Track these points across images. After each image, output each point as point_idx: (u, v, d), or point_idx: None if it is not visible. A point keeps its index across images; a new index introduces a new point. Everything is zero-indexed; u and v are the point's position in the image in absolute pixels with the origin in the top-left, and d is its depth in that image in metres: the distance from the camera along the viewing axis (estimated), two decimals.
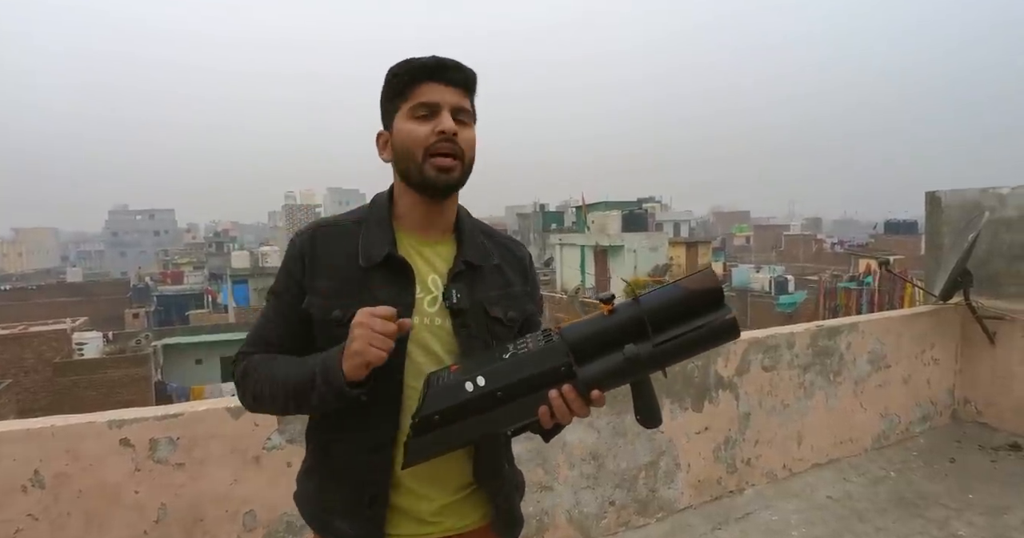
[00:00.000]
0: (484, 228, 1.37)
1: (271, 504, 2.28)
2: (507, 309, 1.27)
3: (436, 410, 1.09)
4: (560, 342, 1.11)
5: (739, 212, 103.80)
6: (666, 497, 3.16)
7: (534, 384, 1.10)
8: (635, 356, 1.07)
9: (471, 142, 1.23)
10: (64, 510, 2.06)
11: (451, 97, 1.20)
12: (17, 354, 22.14)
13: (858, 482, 3.62)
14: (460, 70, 1.22)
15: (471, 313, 1.22)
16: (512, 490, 1.32)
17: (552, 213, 51.14)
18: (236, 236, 71.01)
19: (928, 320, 4.34)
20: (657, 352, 1.08)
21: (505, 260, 1.33)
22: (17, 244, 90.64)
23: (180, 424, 2.19)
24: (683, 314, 1.09)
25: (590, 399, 1.09)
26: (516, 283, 1.33)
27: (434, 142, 1.17)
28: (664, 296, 1.11)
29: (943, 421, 4.42)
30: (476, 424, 1.11)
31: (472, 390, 1.09)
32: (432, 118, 1.19)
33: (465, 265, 1.25)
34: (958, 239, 4.29)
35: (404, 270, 1.22)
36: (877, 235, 51.07)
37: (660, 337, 1.08)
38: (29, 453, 2.03)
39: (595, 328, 1.11)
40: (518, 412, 1.11)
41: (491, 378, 1.10)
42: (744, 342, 3.42)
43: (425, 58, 1.21)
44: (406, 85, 1.21)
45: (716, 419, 3.31)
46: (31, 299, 41.56)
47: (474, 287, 1.24)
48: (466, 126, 1.22)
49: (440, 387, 1.11)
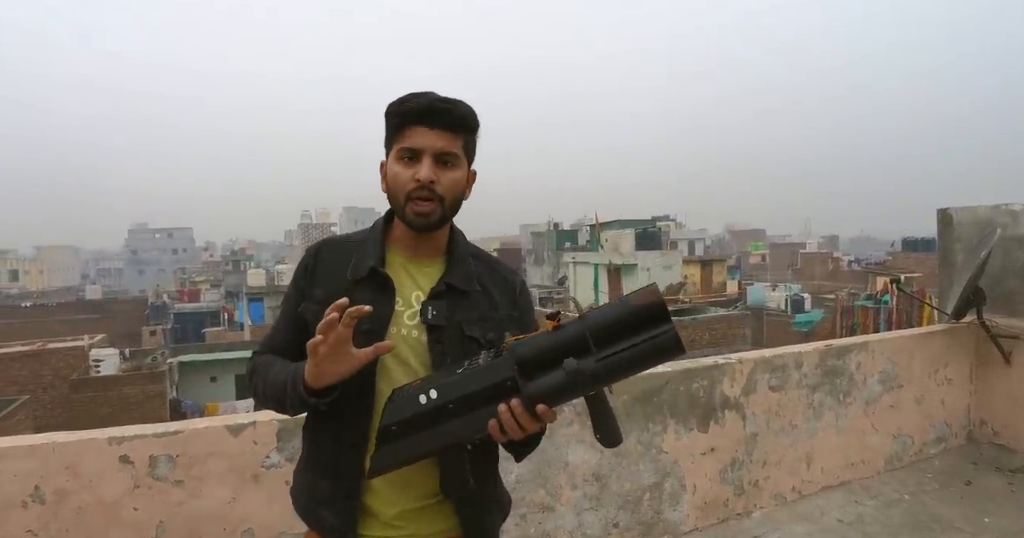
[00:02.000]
0: (478, 253, 1.44)
1: (269, 523, 2.28)
2: (487, 331, 1.33)
3: (393, 421, 1.16)
4: (507, 357, 1.14)
5: (755, 230, 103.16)
6: (671, 519, 3.11)
7: (482, 398, 1.14)
8: (575, 371, 1.09)
9: (453, 184, 1.30)
10: (63, 526, 2.07)
11: (437, 141, 1.27)
12: (35, 370, 22.39)
13: (870, 505, 3.55)
14: (450, 113, 1.28)
15: (447, 331, 1.29)
16: (487, 508, 1.35)
17: (566, 232, 51.13)
18: (253, 254, 71.63)
19: (941, 339, 4.27)
20: (599, 367, 1.09)
21: (495, 285, 1.40)
22: (39, 262, 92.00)
23: (179, 441, 2.20)
24: (627, 330, 1.10)
25: (537, 415, 1.12)
26: (502, 307, 1.39)
27: (412, 189, 1.27)
28: (609, 312, 1.13)
29: (958, 442, 4.33)
30: (432, 436, 1.16)
31: (425, 403, 1.15)
32: (415, 163, 1.28)
33: (447, 287, 1.33)
34: (970, 257, 4.24)
35: (386, 284, 1.31)
36: (895, 253, 50.50)
37: (603, 352, 1.10)
38: (30, 469, 2.05)
39: (540, 344, 1.14)
40: (470, 425, 1.15)
41: (442, 391, 1.15)
42: (750, 362, 3.38)
43: (418, 99, 1.28)
44: (396, 127, 1.30)
45: (722, 440, 3.26)
46: (51, 316, 42.07)
47: (455, 308, 1.31)
48: (450, 168, 1.29)
49: (397, 400, 1.18)
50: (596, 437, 1.18)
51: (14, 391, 20.97)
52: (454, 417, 1.15)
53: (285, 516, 2.30)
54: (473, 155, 1.36)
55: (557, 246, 46.36)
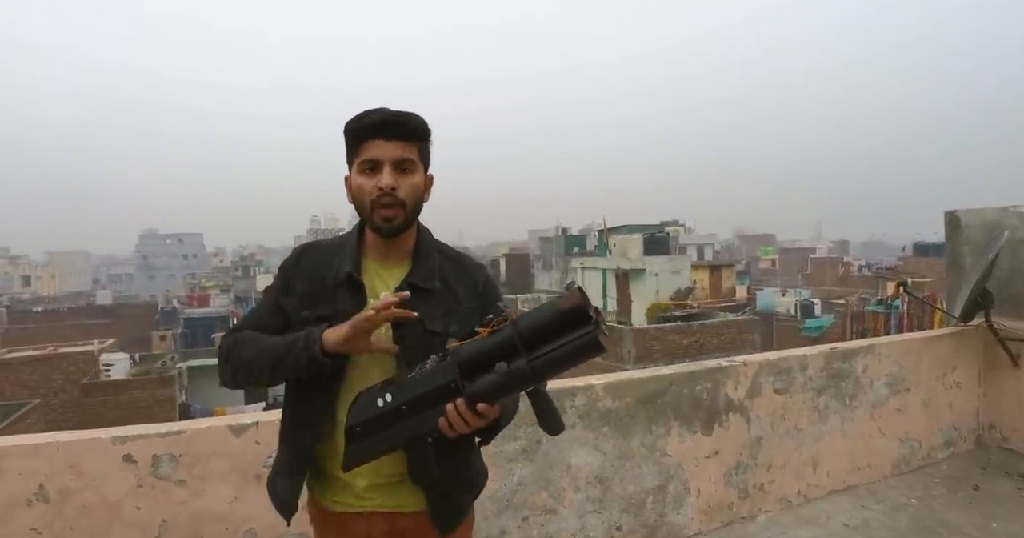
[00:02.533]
0: (443, 249, 1.58)
1: (271, 523, 2.28)
2: (449, 324, 1.45)
3: (357, 422, 1.32)
4: (450, 362, 1.27)
5: (764, 235, 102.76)
6: (675, 523, 3.09)
7: (431, 399, 1.27)
8: (507, 372, 1.22)
9: (412, 188, 1.44)
10: (67, 525, 2.09)
11: (393, 151, 1.41)
12: (46, 375, 22.59)
13: (877, 509, 3.52)
14: (403, 125, 1.42)
15: (409, 325, 1.41)
16: (456, 486, 1.49)
17: (574, 237, 51.06)
18: (262, 260, 71.88)
19: (949, 342, 4.24)
20: (527, 368, 1.21)
21: (459, 280, 1.53)
22: (50, 267, 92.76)
23: (182, 441, 2.21)
24: (554, 332, 1.21)
25: (479, 412, 1.24)
26: (465, 301, 1.51)
27: (376, 197, 1.41)
28: (537, 316, 1.24)
29: (967, 447, 4.29)
30: (392, 434, 1.30)
31: (382, 405, 1.30)
32: (375, 173, 1.41)
33: (408, 286, 1.45)
34: (978, 259, 4.21)
35: (360, 288, 1.46)
36: (906, 257, 50.18)
37: (533, 354, 1.21)
38: (35, 468, 2.07)
39: (478, 348, 1.26)
40: (423, 423, 1.28)
41: (396, 394, 1.30)
42: (755, 364, 3.37)
43: (372, 116, 1.42)
44: (355, 142, 1.44)
45: (727, 443, 3.25)
46: (62, 321, 42.40)
47: (418, 305, 1.39)
48: (409, 174, 1.43)
49: (359, 403, 1.33)
50: (540, 425, 1.30)
51: (25, 395, 21.17)
52: (408, 417, 1.28)
53: None
54: (428, 161, 1.49)
55: (565, 251, 46.32)
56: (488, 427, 1.33)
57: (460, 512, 1.51)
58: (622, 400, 2.94)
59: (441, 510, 1.46)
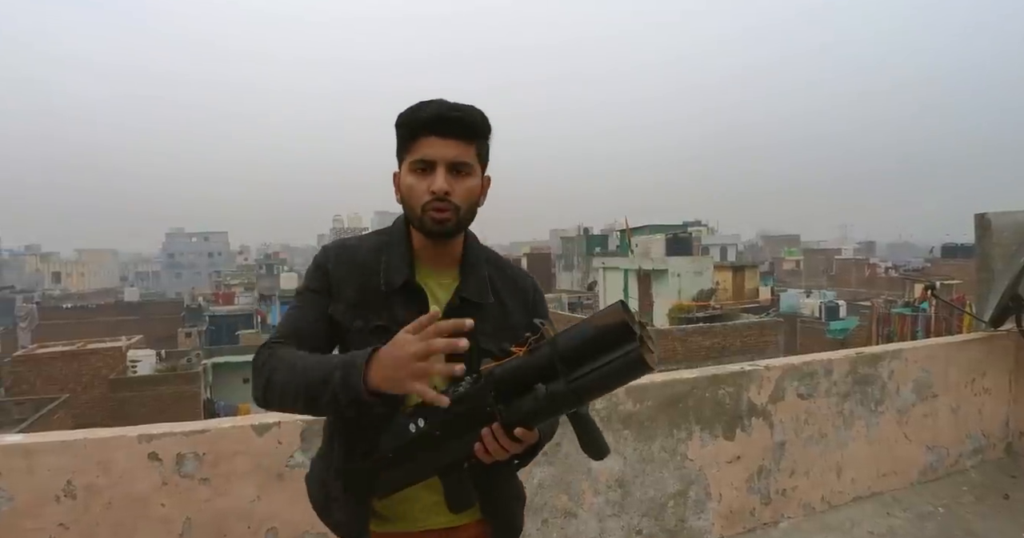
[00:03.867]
0: (492, 259, 1.45)
1: (293, 522, 2.30)
2: (501, 341, 1.29)
3: (389, 449, 1.24)
4: (485, 384, 1.18)
5: (789, 236, 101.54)
6: (696, 528, 3.07)
7: (465, 424, 1.18)
8: (546, 395, 1.13)
9: (467, 193, 1.31)
10: (93, 520, 2.12)
11: (449, 151, 1.27)
12: (75, 370, 23.05)
13: (903, 517, 3.46)
14: (461, 122, 1.27)
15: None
16: (511, 493, 1.44)
17: (596, 237, 50.97)
18: (286, 258, 72.71)
19: (979, 347, 4.15)
20: (568, 390, 1.12)
21: (508, 292, 1.42)
22: (80, 264, 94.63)
23: (206, 440, 2.24)
24: (594, 350, 1.12)
25: (517, 437, 1.15)
26: (515, 315, 1.39)
27: (428, 201, 1.28)
28: (576, 334, 1.14)
29: (996, 454, 4.20)
30: (426, 460, 1.23)
31: (415, 430, 1.21)
32: (429, 174, 1.28)
33: (461, 301, 1.34)
34: (1009, 263, 4.12)
35: (420, 295, 1.34)
36: (934, 259, 49.33)
37: (573, 374, 1.12)
38: (63, 464, 2.10)
39: (513, 369, 1.17)
40: (458, 449, 1.21)
41: (429, 419, 1.20)
42: (778, 369, 3.33)
43: (427, 108, 1.28)
44: (407, 138, 1.30)
45: (749, 448, 3.21)
46: (91, 318, 43.24)
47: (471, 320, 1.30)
48: (464, 177, 1.29)
49: (391, 429, 1.24)
50: (583, 450, 1.22)
51: (55, 390, 21.61)
52: (442, 442, 1.20)
53: (308, 516, 2.31)
54: (487, 161, 1.36)
55: (587, 251, 46.23)
56: (522, 453, 1.22)
57: (518, 518, 1.45)
58: (643, 403, 2.93)
59: (502, 521, 1.40)
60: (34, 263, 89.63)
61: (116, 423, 17.44)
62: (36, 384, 22.10)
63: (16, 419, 17.02)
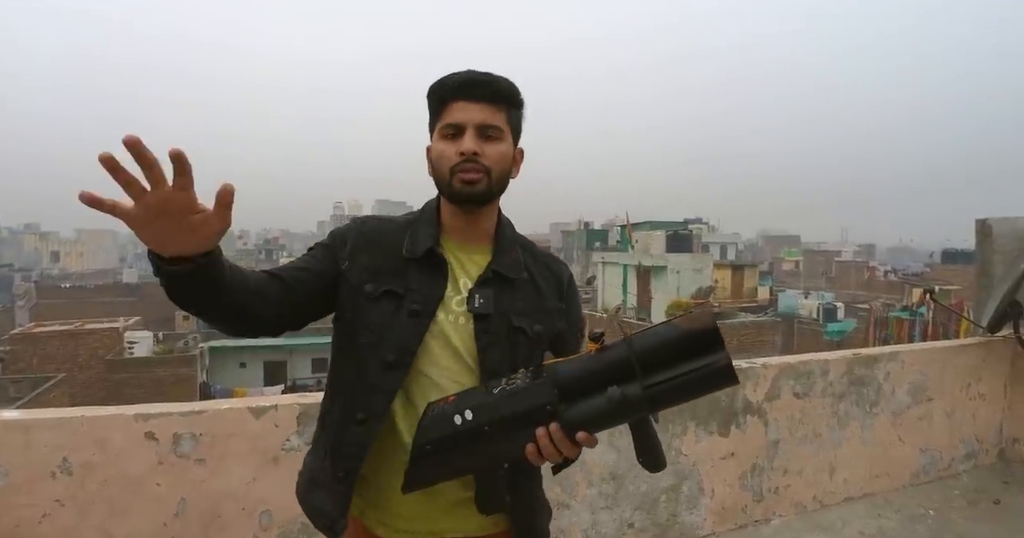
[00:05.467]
0: (525, 243, 1.41)
1: (287, 505, 2.31)
2: (533, 322, 1.29)
3: (428, 440, 1.13)
4: (547, 380, 1.10)
5: (789, 236, 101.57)
6: (688, 523, 3.08)
7: (519, 421, 1.10)
8: (620, 399, 1.04)
9: (499, 156, 1.26)
10: (89, 498, 2.13)
11: (478, 115, 1.24)
12: (72, 349, 23.06)
13: (894, 519, 3.47)
14: (489, 85, 1.25)
15: (494, 319, 1.26)
16: (538, 506, 1.36)
17: (596, 231, 50.95)
18: (285, 244, 72.68)
19: (975, 352, 4.16)
20: (645, 396, 1.04)
21: (542, 276, 1.37)
22: (79, 244, 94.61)
23: (203, 421, 2.24)
24: (676, 356, 1.05)
25: (577, 441, 1.07)
26: (550, 298, 1.35)
27: (458, 163, 1.23)
28: (657, 336, 1.07)
29: (989, 460, 4.22)
30: (467, 456, 1.13)
31: (460, 423, 1.11)
32: (458, 137, 1.24)
33: (494, 274, 1.29)
34: (1009, 269, 4.12)
35: (440, 266, 1.28)
36: (933, 264, 49.35)
37: (650, 379, 1.04)
38: (60, 441, 2.11)
39: (583, 367, 1.10)
40: (507, 448, 1.12)
41: (478, 412, 1.11)
42: (775, 367, 3.34)
43: (456, 75, 1.26)
44: (438, 105, 1.27)
45: (743, 445, 3.22)
46: (89, 298, 43.28)
47: (502, 296, 1.28)
48: (494, 141, 1.25)
49: (432, 418, 1.14)
50: (639, 461, 1.13)
51: (51, 369, 21.66)
52: (490, 439, 1.11)
53: None
54: (519, 132, 1.32)
55: (587, 246, 46.20)
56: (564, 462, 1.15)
57: (544, 534, 1.37)
58: None
59: (527, 533, 1.31)
60: (33, 242, 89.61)
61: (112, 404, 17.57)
62: (33, 363, 22.13)
63: (13, 397, 17.05)
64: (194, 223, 0.95)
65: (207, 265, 1.01)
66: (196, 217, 0.95)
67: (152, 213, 0.92)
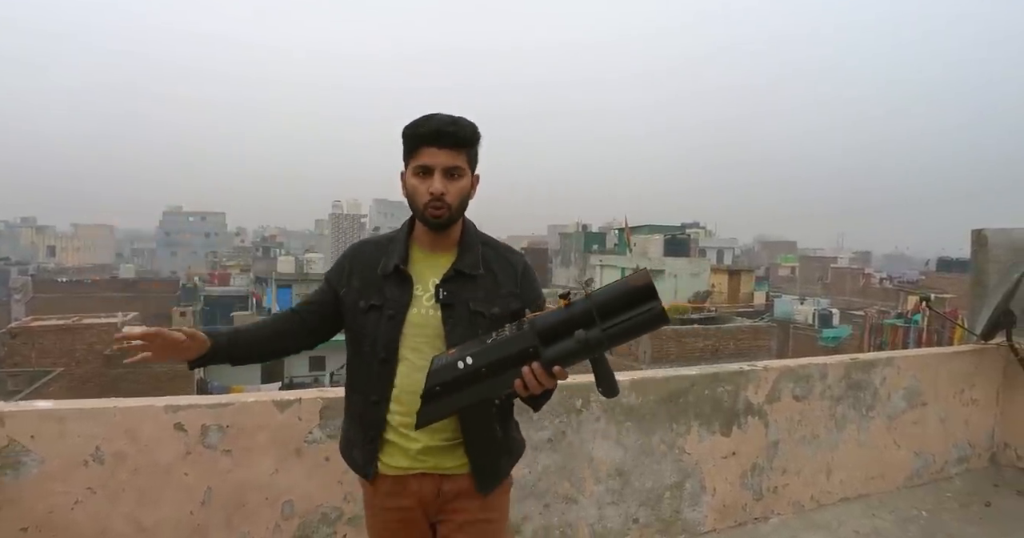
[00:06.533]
0: (487, 240, 1.75)
1: (309, 495, 2.41)
2: (491, 306, 1.64)
3: (437, 383, 1.45)
4: (529, 329, 1.43)
5: (785, 242, 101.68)
6: (690, 519, 3.18)
7: (510, 362, 1.42)
8: (584, 339, 1.37)
9: (459, 192, 1.62)
10: (119, 486, 2.21)
11: (444, 159, 1.58)
12: (69, 344, 23.02)
13: (888, 520, 3.58)
14: (453, 135, 1.57)
15: (456, 307, 1.62)
16: (499, 452, 1.69)
17: (594, 234, 51.04)
18: (283, 242, 72.51)
19: (969, 359, 4.27)
20: (603, 336, 1.37)
21: (500, 267, 1.71)
22: (75, 239, 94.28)
23: (230, 413, 2.33)
24: (624, 306, 1.38)
25: (554, 374, 1.42)
26: (505, 286, 1.69)
27: (429, 201, 1.59)
28: (609, 291, 1.41)
29: (981, 464, 4.32)
30: (469, 393, 1.45)
31: (463, 367, 1.43)
32: (428, 177, 1.59)
33: (456, 272, 1.65)
34: (1003, 279, 4.23)
35: (406, 278, 1.66)
36: (929, 272, 49.55)
37: (606, 324, 1.37)
38: (93, 431, 2.19)
39: (556, 318, 1.42)
40: (500, 384, 1.45)
41: (477, 357, 1.44)
42: (776, 370, 3.44)
43: (428, 123, 1.58)
44: (411, 147, 1.61)
45: (744, 445, 3.33)
46: (86, 292, 43.20)
47: (463, 288, 1.64)
48: (457, 179, 1.60)
49: (439, 365, 1.47)
50: (599, 390, 1.45)
51: (48, 363, 21.62)
52: (487, 378, 1.43)
53: (324, 490, 2.43)
54: (475, 163, 1.66)
55: (585, 248, 46.30)
56: (542, 394, 1.51)
57: (499, 473, 1.69)
58: (646, 397, 3.03)
59: (482, 470, 1.65)
60: (30, 235, 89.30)
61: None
62: (31, 357, 22.11)
63: (11, 391, 17.07)
64: (180, 350, 1.64)
65: (208, 359, 1.69)
66: (179, 347, 1.64)
67: (160, 355, 1.64)
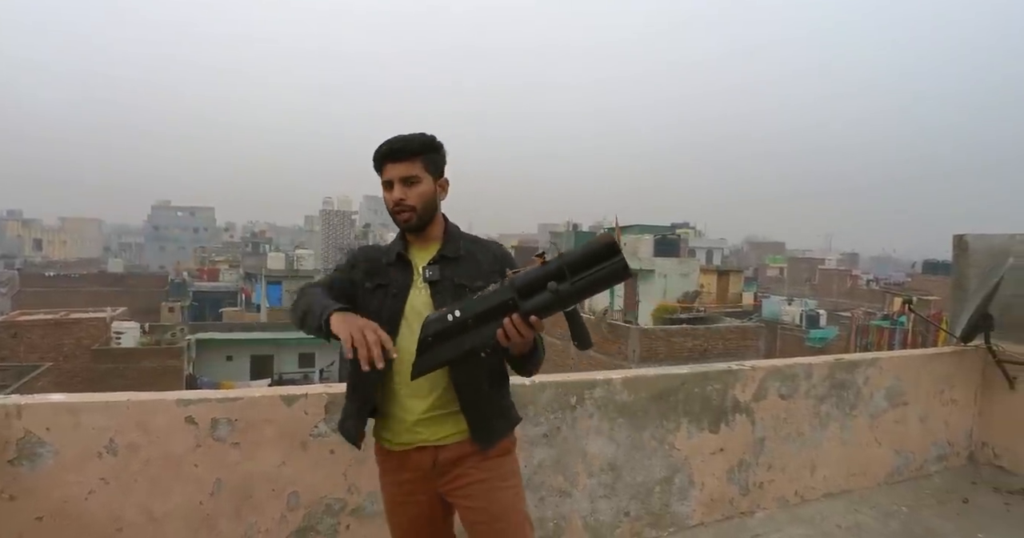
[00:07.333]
0: (469, 238, 2.00)
1: (314, 487, 2.50)
2: (474, 280, 1.85)
3: (428, 334, 1.63)
4: (509, 285, 1.61)
5: (774, 243, 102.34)
6: (679, 512, 3.29)
7: (492, 314, 1.60)
8: (556, 291, 1.54)
9: (419, 196, 1.85)
10: (132, 477, 2.30)
11: (400, 171, 1.84)
12: (57, 339, 22.89)
13: (869, 514, 3.70)
14: (403, 150, 1.83)
15: (442, 283, 1.86)
16: (492, 412, 1.87)
17: (585, 233, 50.99)
18: (272, 238, 72.24)
19: (949, 361, 4.40)
20: (573, 288, 1.54)
21: (482, 253, 1.94)
22: (63, 233, 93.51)
23: (238, 407, 2.42)
24: (591, 262, 1.55)
25: (531, 324, 1.59)
26: (485, 265, 1.91)
27: (393, 209, 1.87)
28: (578, 250, 1.59)
29: (959, 462, 4.46)
30: (458, 343, 1.62)
31: (451, 319, 1.61)
32: (390, 190, 1.86)
33: (440, 257, 1.90)
34: (982, 283, 4.37)
35: (408, 263, 1.92)
36: (915, 274, 50.06)
37: (575, 278, 1.55)
38: (107, 423, 2.28)
39: (533, 275, 1.59)
40: (484, 334, 1.61)
41: (463, 310, 1.62)
42: (763, 369, 3.55)
43: (384, 145, 1.84)
44: (377, 168, 1.89)
45: (731, 441, 3.44)
46: (73, 287, 42.84)
47: (447, 268, 1.88)
48: (415, 185, 1.85)
49: (431, 319, 1.65)
50: (574, 344, 1.62)
51: (35, 358, 21.47)
52: (472, 329, 1.60)
53: (328, 482, 2.52)
54: (438, 169, 1.90)
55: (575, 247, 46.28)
56: (528, 354, 1.74)
57: (496, 432, 1.86)
58: (637, 395, 3.14)
59: (478, 426, 1.82)
60: (16, 228, 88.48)
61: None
62: (19, 352, 21.97)
63: None
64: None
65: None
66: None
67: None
